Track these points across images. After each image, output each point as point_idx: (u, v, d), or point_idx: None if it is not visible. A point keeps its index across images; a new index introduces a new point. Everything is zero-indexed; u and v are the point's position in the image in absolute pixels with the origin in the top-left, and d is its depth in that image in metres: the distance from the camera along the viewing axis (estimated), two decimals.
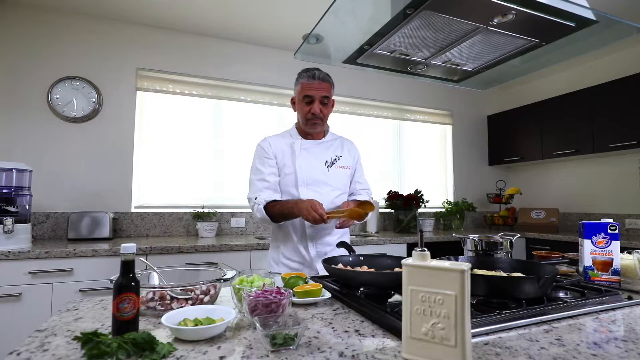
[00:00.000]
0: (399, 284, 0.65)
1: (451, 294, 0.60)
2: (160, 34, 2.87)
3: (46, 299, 1.91)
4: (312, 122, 1.53)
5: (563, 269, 1.35)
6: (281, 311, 0.79)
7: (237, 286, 0.92)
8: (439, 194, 3.85)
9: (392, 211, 3.39)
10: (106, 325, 0.80)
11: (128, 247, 0.74)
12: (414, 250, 0.65)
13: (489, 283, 0.92)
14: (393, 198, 3.30)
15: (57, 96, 2.55)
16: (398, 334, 0.71)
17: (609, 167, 3.28)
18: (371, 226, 3.23)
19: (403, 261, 0.65)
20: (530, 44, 1.21)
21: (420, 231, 0.69)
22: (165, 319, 0.74)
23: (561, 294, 1.04)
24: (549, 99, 3.44)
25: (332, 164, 1.59)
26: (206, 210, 2.78)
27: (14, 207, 2.02)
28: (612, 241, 1.19)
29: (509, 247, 1.31)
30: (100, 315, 0.87)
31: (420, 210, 3.43)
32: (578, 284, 1.12)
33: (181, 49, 2.92)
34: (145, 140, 2.83)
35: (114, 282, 0.73)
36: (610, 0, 2.44)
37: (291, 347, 0.67)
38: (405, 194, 3.30)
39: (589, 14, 1.03)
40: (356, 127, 3.52)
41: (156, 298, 0.90)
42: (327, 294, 1.00)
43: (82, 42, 2.65)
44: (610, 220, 1.19)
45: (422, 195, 3.37)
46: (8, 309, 1.84)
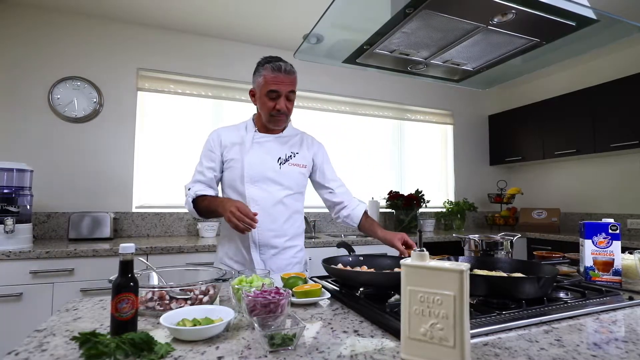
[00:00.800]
0: (399, 284, 0.65)
1: (450, 294, 0.60)
2: (160, 34, 2.87)
3: (47, 299, 1.91)
4: (277, 119, 1.41)
5: (564, 269, 1.35)
6: (280, 311, 0.79)
7: (236, 286, 0.92)
8: (439, 194, 3.84)
9: (393, 211, 3.39)
10: (105, 325, 0.80)
11: (127, 247, 0.74)
12: (412, 251, 0.65)
13: (488, 283, 0.91)
14: (394, 198, 3.30)
15: (58, 96, 2.55)
16: (397, 334, 0.71)
17: (611, 166, 3.27)
18: None
19: (402, 261, 0.65)
20: (530, 43, 1.20)
21: (419, 231, 0.69)
22: (164, 319, 0.74)
23: (562, 295, 1.04)
24: (550, 98, 3.43)
25: (286, 160, 1.46)
26: None
27: (14, 207, 2.02)
28: (613, 241, 1.18)
29: (509, 247, 1.31)
30: (100, 315, 0.87)
31: (421, 210, 3.42)
32: (579, 284, 1.11)
33: (182, 49, 2.92)
34: (146, 140, 2.83)
35: (113, 282, 0.73)
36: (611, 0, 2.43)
37: (290, 348, 0.67)
38: (406, 194, 3.30)
39: (589, 13, 1.03)
40: (357, 127, 3.52)
41: (155, 298, 0.90)
42: (327, 294, 1.00)
43: (82, 43, 2.65)
44: (611, 221, 1.19)
45: (423, 195, 3.36)
46: (9, 308, 1.84)
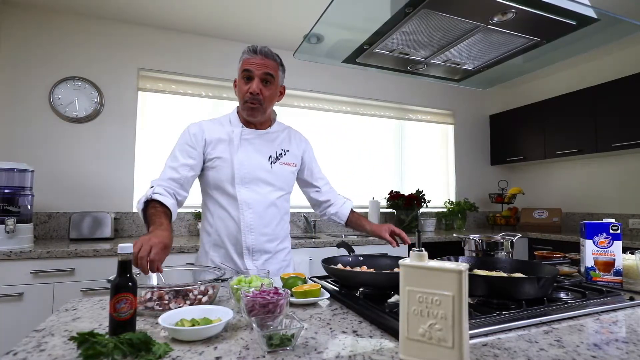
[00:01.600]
0: (398, 284, 0.65)
1: (448, 294, 0.59)
2: (161, 34, 2.87)
3: (48, 298, 1.91)
4: (249, 106, 1.27)
5: (565, 269, 1.34)
6: (279, 312, 0.79)
7: (235, 286, 0.92)
8: (440, 194, 3.84)
9: (394, 211, 3.38)
10: (104, 325, 0.80)
11: (125, 247, 0.74)
12: (411, 251, 0.65)
13: (488, 284, 0.91)
14: (394, 198, 3.29)
15: (59, 97, 2.56)
16: (396, 334, 0.70)
17: (612, 166, 3.26)
18: None
19: (400, 261, 0.65)
20: (531, 42, 1.20)
21: (418, 231, 0.68)
22: (162, 319, 0.74)
23: (562, 295, 1.03)
24: (551, 98, 3.42)
25: (277, 159, 1.36)
26: None
27: (15, 207, 2.03)
28: (614, 241, 1.18)
29: (509, 247, 1.30)
30: (99, 315, 0.87)
31: (421, 210, 3.42)
32: (579, 284, 1.11)
33: (182, 49, 2.93)
34: (147, 140, 2.83)
35: (111, 282, 0.73)
36: None
37: (288, 348, 0.67)
38: (406, 194, 3.30)
39: (590, 12, 1.02)
40: (357, 127, 3.52)
41: (154, 298, 0.90)
42: (326, 295, 1.00)
43: (83, 43, 2.66)
44: (612, 220, 1.18)
45: (424, 195, 3.36)
46: (10, 308, 1.84)
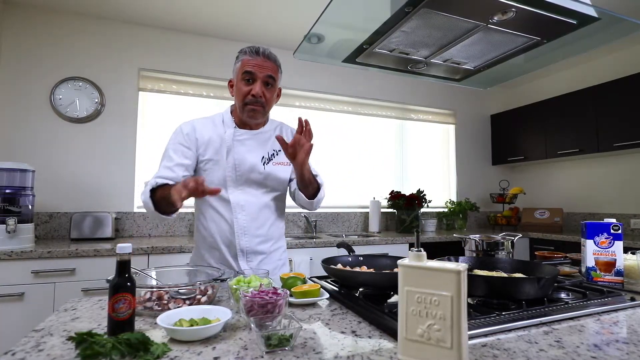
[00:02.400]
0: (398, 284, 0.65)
1: (447, 295, 0.59)
2: (161, 34, 2.88)
3: (49, 298, 1.92)
4: (252, 108, 1.25)
5: (565, 269, 1.34)
6: (277, 312, 0.79)
7: (234, 286, 0.92)
8: (441, 193, 3.83)
9: (395, 211, 3.38)
10: (103, 325, 0.80)
11: (123, 247, 0.74)
12: (409, 251, 0.64)
13: (488, 284, 0.91)
14: (395, 198, 3.29)
15: (60, 97, 2.56)
16: (395, 335, 0.70)
17: (614, 166, 3.25)
18: (373, 226, 3.22)
19: (399, 262, 0.65)
20: (531, 41, 1.19)
21: (416, 231, 0.68)
22: (161, 319, 0.74)
23: (563, 295, 1.03)
24: (552, 97, 3.41)
25: (270, 160, 1.33)
26: None
27: (16, 207, 2.03)
28: (615, 241, 1.17)
29: (510, 247, 1.30)
30: (98, 315, 0.87)
31: (422, 210, 3.41)
32: (580, 284, 1.10)
33: (183, 49, 2.93)
34: (148, 140, 2.83)
35: (110, 282, 0.73)
36: None
37: (286, 348, 0.67)
38: (407, 194, 3.29)
39: (590, 11, 1.02)
40: (358, 126, 3.52)
41: (154, 298, 0.90)
42: (325, 295, 1.00)
43: (84, 43, 2.66)
44: (613, 220, 1.18)
45: (425, 195, 3.35)
46: (11, 308, 1.85)
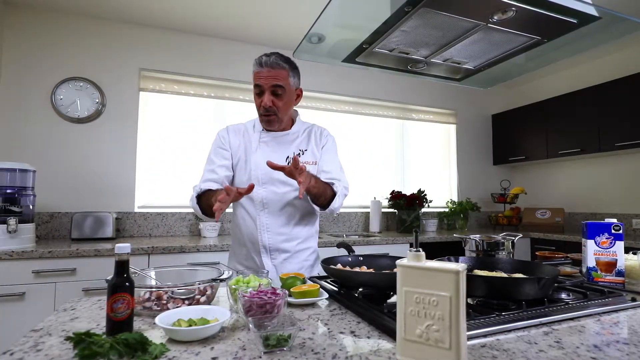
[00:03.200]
0: None
1: (446, 295, 0.59)
2: (162, 34, 2.88)
3: (49, 298, 1.92)
4: (265, 118, 1.32)
5: (566, 269, 1.33)
6: (276, 312, 0.78)
7: (233, 286, 0.91)
8: (442, 193, 3.82)
9: (395, 211, 3.37)
10: (101, 325, 0.80)
11: (122, 247, 0.74)
12: (408, 251, 0.64)
13: (488, 284, 0.90)
14: (396, 198, 3.28)
15: (61, 97, 2.57)
16: (394, 335, 0.70)
17: (616, 166, 3.23)
18: (374, 226, 3.22)
19: (397, 262, 0.64)
20: (531, 41, 1.19)
21: (415, 231, 0.68)
22: (159, 319, 0.74)
23: (563, 295, 1.02)
24: (554, 97, 3.40)
25: None
26: None
27: (17, 207, 2.04)
28: (616, 241, 1.17)
29: (510, 247, 1.29)
30: (97, 315, 0.87)
31: (423, 210, 3.41)
32: (581, 285, 1.10)
33: (183, 49, 2.93)
34: (148, 140, 2.84)
35: (109, 282, 0.73)
36: None
37: (285, 348, 0.67)
38: (408, 194, 3.28)
39: (591, 10, 1.01)
40: (359, 126, 3.51)
41: (153, 298, 0.90)
42: (325, 295, 0.99)
43: (85, 44, 2.67)
44: (614, 220, 1.17)
45: (426, 195, 3.34)
46: (11, 308, 1.85)
